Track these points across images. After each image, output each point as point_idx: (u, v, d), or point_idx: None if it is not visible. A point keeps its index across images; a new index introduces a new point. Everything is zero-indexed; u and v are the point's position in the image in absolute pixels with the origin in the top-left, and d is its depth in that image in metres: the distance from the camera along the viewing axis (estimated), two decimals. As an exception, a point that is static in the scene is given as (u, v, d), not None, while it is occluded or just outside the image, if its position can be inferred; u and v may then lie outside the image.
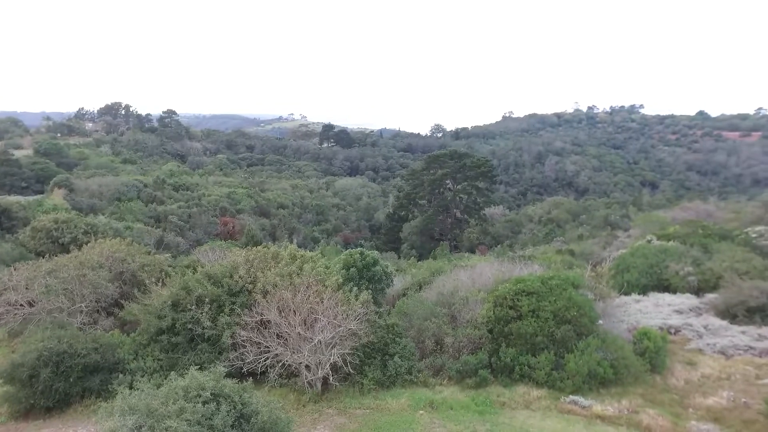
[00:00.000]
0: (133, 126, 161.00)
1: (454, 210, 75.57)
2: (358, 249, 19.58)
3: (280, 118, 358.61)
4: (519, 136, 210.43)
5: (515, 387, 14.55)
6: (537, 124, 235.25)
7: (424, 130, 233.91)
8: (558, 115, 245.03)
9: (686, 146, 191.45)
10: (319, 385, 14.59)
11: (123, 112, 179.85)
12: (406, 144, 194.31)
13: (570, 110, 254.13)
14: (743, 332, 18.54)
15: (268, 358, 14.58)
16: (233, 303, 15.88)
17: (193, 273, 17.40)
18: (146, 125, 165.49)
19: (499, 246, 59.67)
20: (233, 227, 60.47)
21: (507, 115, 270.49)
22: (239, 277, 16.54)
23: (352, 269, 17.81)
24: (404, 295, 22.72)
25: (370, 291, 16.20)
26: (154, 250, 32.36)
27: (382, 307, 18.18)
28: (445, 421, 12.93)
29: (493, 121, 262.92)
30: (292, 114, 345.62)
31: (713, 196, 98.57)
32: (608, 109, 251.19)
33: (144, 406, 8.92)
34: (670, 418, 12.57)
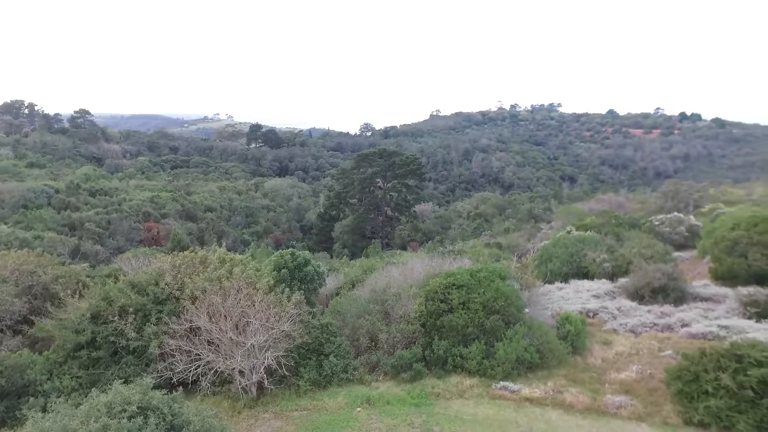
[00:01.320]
0: (40, 127, 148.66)
1: (385, 208, 76.40)
2: (289, 250, 19.35)
3: (205, 119, 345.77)
4: (446, 134, 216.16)
5: (449, 378, 14.98)
6: (463, 122, 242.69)
7: (354, 129, 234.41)
8: (483, 114, 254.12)
9: (599, 142, 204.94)
10: (254, 389, 14.31)
11: (26, 111, 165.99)
12: (335, 143, 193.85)
13: (494, 109, 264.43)
14: (649, 311, 20.17)
15: (199, 366, 14.10)
16: (160, 311, 15.20)
17: (115, 282, 16.47)
18: (55, 126, 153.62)
19: (429, 242, 61.02)
20: (158, 233, 57.68)
21: (434, 113, 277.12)
22: (166, 284, 15.86)
23: (283, 270, 17.58)
24: (337, 294, 22.74)
25: (302, 291, 16.08)
26: (69, 261, 30.21)
27: (315, 307, 18.11)
28: (383, 416, 13.11)
29: (421, 120, 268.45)
30: (218, 114, 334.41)
31: (623, 188, 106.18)
32: (529, 108, 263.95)
33: (60, 428, 8.35)
34: (590, 394, 13.49)
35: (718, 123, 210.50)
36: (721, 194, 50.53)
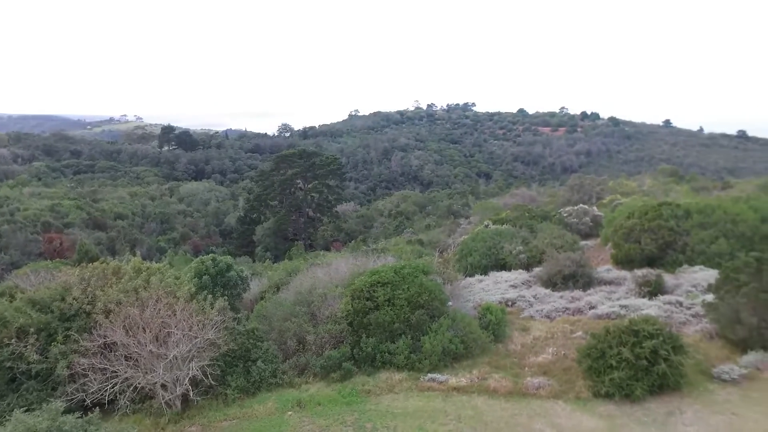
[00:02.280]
0: None
1: (307, 209, 75.67)
2: (210, 255, 18.73)
3: (111, 120, 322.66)
4: (365, 133, 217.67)
5: (378, 374, 15.23)
6: (382, 121, 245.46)
7: (271, 129, 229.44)
8: (401, 113, 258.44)
9: (512, 140, 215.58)
10: (178, 403, 13.72)
11: None
12: (253, 145, 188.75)
13: (412, 108, 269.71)
14: (561, 297, 21.64)
15: (116, 384, 13.29)
16: (68, 329, 14.15)
17: (11, 301, 15.08)
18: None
19: (352, 241, 61.21)
20: (61, 244, 53.07)
21: (353, 113, 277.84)
22: (73, 299, 14.77)
23: (204, 277, 16.99)
24: (262, 298, 22.29)
25: (226, 297, 15.64)
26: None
27: (240, 313, 17.67)
28: (315, 418, 13.10)
29: (340, 120, 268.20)
30: (126, 115, 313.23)
31: (535, 182, 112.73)
32: (445, 107, 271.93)
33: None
34: (512, 378, 14.29)
35: (613, 121, 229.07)
36: (618, 186, 55.07)
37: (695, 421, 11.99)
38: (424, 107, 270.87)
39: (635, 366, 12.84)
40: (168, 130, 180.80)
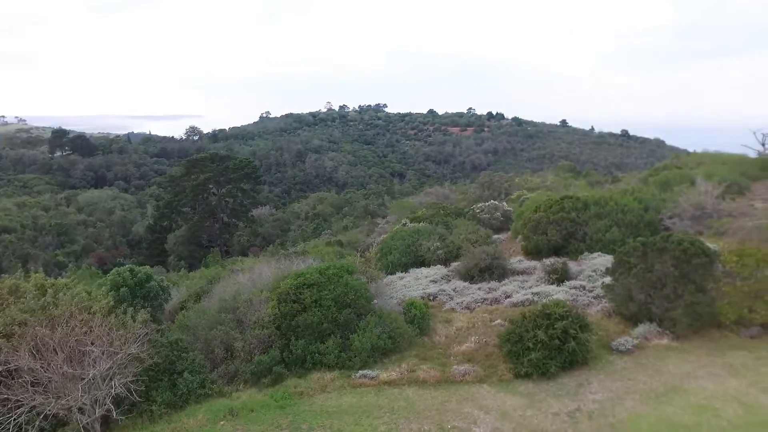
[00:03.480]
0: None
1: (221, 215, 73.12)
2: (127, 266, 17.75)
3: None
4: (278, 135, 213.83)
5: (310, 375, 15.33)
6: (294, 123, 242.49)
7: (178, 132, 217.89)
8: (313, 115, 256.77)
9: (423, 140, 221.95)
10: (97, 426, 12.93)
11: None
12: (159, 149, 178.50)
13: (324, 110, 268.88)
14: (479, 288, 22.91)
15: (21, 414, 12.28)
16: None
17: None
18: None
19: (271, 245, 60.17)
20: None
21: (264, 115, 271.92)
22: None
23: (122, 289, 16.10)
24: (183, 308, 21.50)
25: (148, 309, 14.98)
26: None
27: (162, 324, 16.97)
28: (248, 425, 12.97)
29: (251, 122, 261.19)
30: (4, 117, 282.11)
31: (447, 181, 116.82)
32: (358, 108, 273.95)
33: None
34: (439, 368, 15.04)
35: (517, 121, 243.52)
36: (524, 182, 58.77)
37: (600, 389, 13.43)
38: (337, 109, 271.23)
39: (549, 346, 14.09)
40: (60, 133, 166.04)
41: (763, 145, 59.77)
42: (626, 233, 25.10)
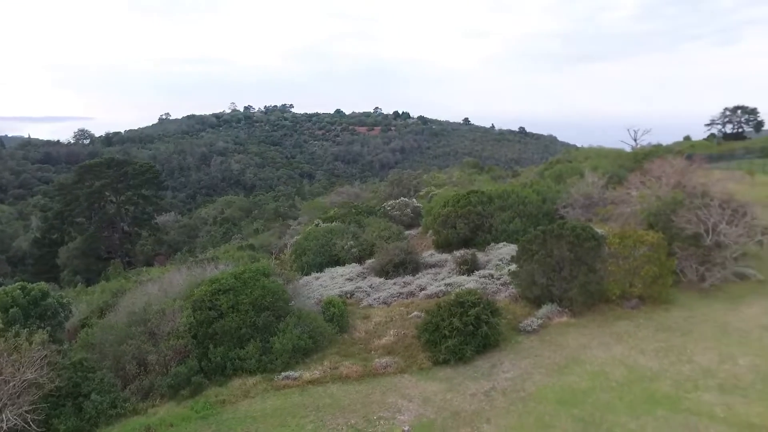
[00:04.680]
0: None
1: (121, 224, 68.17)
2: (17, 284, 16.21)
3: None
4: (180, 138, 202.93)
5: (231, 382, 15.04)
6: (197, 125, 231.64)
7: (65, 136, 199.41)
8: (217, 116, 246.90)
9: (331, 140, 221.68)
10: (-8, 461, 11.81)
11: None
12: (42, 154, 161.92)
13: (228, 111, 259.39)
14: (394, 283, 23.61)
15: None
16: None
17: None
18: None
19: (178, 253, 57.28)
20: None
21: (164, 117, 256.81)
22: None
23: (12, 310, 14.69)
24: (85, 325, 20.00)
25: (46, 329, 13.83)
26: None
27: (64, 345, 15.72)
28: (168, 439, 12.50)
29: (150, 124, 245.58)
30: None
31: (357, 180, 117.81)
32: (264, 109, 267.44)
33: None
34: (361, 363, 15.40)
35: (422, 120, 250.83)
36: (432, 179, 60.97)
37: (511, 367, 14.54)
38: (242, 110, 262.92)
39: (464, 332, 14.97)
40: None
41: (636, 140, 66.96)
42: (527, 223, 27.08)
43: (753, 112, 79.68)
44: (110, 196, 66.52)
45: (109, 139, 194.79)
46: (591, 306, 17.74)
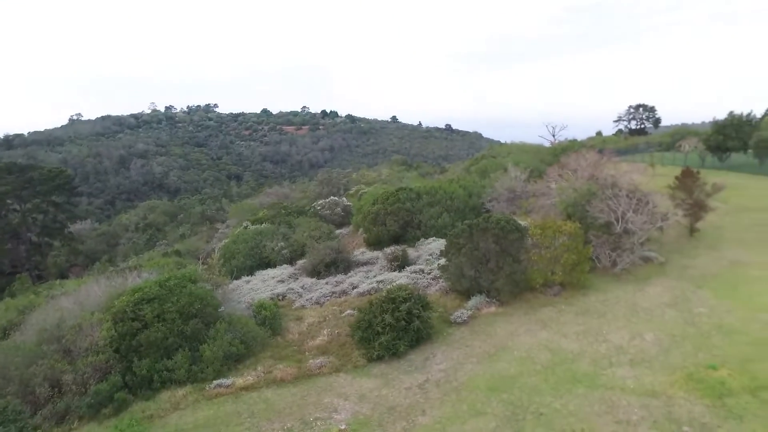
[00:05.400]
0: None
1: (28, 234, 62.86)
2: None
3: None
4: (94, 140, 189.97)
5: (159, 395, 14.36)
6: (113, 126, 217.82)
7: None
8: (136, 117, 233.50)
9: (258, 140, 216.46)
10: None
11: None
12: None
13: (148, 111, 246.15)
14: (327, 283, 23.54)
15: None
16: None
17: None
18: None
19: (97, 263, 53.79)
20: None
21: (75, 117, 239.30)
22: None
23: None
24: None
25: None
26: None
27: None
28: (89, 461, 11.74)
29: (59, 126, 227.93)
30: None
31: (286, 180, 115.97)
32: (186, 109, 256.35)
33: None
34: (295, 365, 15.23)
35: (350, 119, 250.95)
36: (361, 177, 61.27)
37: (443, 359, 14.95)
38: (162, 110, 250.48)
39: (396, 327, 15.20)
40: None
41: (554, 135, 70.88)
42: (455, 218, 27.90)
43: (652, 109, 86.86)
44: (13, 204, 61.12)
45: (9, 142, 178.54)
46: (517, 295, 18.60)
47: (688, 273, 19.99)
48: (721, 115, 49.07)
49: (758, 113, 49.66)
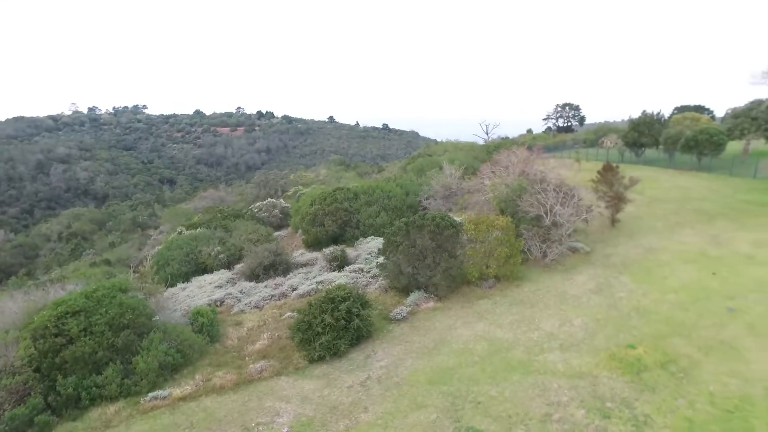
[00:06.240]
0: None
1: (-67, 248, 57.59)
2: None
3: None
4: (6, 144, 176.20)
5: (88, 414, 13.62)
6: (29, 128, 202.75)
7: None
8: (54, 119, 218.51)
9: (192, 142, 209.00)
10: None
11: None
12: None
13: (68, 112, 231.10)
14: (266, 286, 23.20)
15: None
16: None
17: None
18: None
19: (12, 277, 50.14)
20: None
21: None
22: None
23: None
24: None
25: None
26: None
27: None
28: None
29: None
30: None
31: (222, 183, 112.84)
32: (112, 111, 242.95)
33: None
34: (235, 371, 14.91)
35: (287, 119, 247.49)
36: (299, 178, 60.67)
37: (385, 356, 15.15)
38: (85, 111, 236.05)
39: (336, 327, 15.25)
40: None
41: (488, 133, 73.28)
42: (393, 216, 28.29)
43: (577, 108, 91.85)
44: None
45: None
46: (454, 289, 19.14)
47: (611, 261, 21.34)
48: (636, 114, 52.69)
49: (667, 113, 53.77)
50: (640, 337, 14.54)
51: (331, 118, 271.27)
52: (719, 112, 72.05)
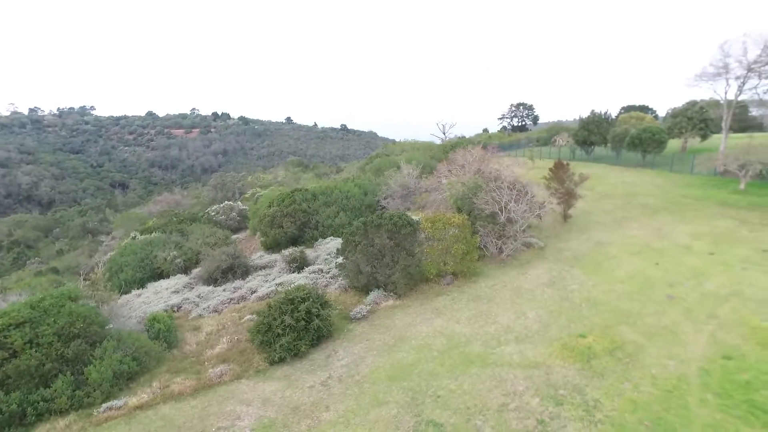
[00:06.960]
0: None
1: None
2: None
3: None
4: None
5: (35, 431, 13.10)
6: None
7: None
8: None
9: (145, 145, 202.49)
10: None
11: None
12: None
13: (7, 113, 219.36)
14: (224, 290, 22.90)
15: None
16: None
17: None
18: None
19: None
20: None
21: None
22: None
23: None
24: None
25: None
26: None
27: None
28: None
29: None
30: None
31: (177, 186, 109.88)
32: (56, 112, 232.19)
33: None
34: (194, 376, 14.67)
35: (244, 120, 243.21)
36: (257, 180, 59.84)
37: (345, 355, 15.26)
38: (26, 112, 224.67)
39: (296, 328, 15.25)
40: None
41: (444, 133, 74.37)
42: (351, 216, 28.40)
43: (530, 108, 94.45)
44: None
45: None
46: (413, 287, 19.44)
47: (564, 255, 22.17)
48: (586, 114, 54.83)
49: (614, 112, 56.08)
50: (590, 326, 15.22)
51: (288, 119, 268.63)
52: (662, 112, 75.79)
